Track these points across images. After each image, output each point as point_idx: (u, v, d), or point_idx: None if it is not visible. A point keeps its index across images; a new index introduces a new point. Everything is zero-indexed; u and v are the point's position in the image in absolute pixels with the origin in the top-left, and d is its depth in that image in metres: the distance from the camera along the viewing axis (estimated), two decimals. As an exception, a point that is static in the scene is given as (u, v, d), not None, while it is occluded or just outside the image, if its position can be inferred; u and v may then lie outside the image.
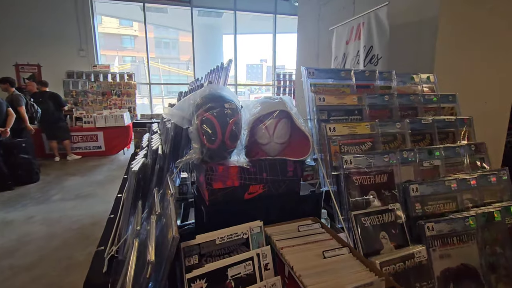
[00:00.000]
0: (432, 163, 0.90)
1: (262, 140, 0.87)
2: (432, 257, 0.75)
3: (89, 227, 3.09)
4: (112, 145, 6.83)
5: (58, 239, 2.84)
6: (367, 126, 0.89)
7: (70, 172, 5.31)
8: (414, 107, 1.04)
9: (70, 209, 3.56)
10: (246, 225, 0.70)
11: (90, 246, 2.67)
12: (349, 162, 0.80)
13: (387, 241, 0.77)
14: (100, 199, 3.91)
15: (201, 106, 0.82)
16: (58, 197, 4.00)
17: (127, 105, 8.16)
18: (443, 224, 0.78)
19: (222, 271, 0.62)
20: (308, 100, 0.93)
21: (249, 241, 0.69)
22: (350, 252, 0.72)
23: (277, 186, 0.89)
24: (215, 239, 0.65)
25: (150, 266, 0.53)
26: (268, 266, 0.69)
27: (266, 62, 18.05)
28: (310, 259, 0.69)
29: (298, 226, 0.83)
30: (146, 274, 0.53)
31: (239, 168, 0.83)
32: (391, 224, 0.79)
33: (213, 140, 0.80)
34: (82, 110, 7.22)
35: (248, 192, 0.86)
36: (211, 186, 0.81)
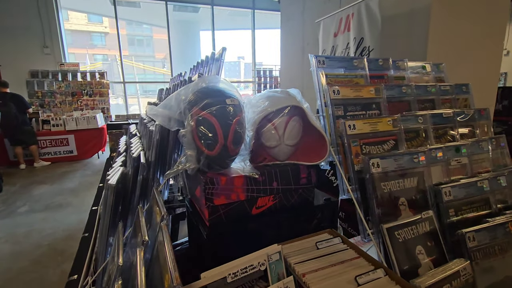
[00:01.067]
0: (460, 161, 0.80)
1: (271, 143, 0.73)
2: (475, 272, 0.64)
3: (63, 242, 2.79)
4: (85, 149, 6.38)
5: (26, 258, 2.53)
6: (389, 122, 0.77)
7: (38, 180, 4.86)
8: (431, 99, 0.94)
9: (39, 222, 3.21)
10: (262, 252, 0.56)
11: (65, 263, 2.40)
12: (376, 165, 0.68)
13: (424, 256, 0.65)
14: (74, 209, 3.58)
15: (196, 103, 0.66)
16: (25, 209, 3.61)
17: (100, 105, 7.68)
18: (484, 233, 0.68)
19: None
20: (320, 93, 0.80)
21: (268, 273, 0.55)
22: (386, 274, 0.59)
23: (290, 196, 0.75)
24: (226, 276, 0.50)
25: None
26: (292, 303, 0.55)
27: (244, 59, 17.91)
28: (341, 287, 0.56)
29: (316, 243, 0.70)
30: None
31: (245, 178, 0.68)
32: (426, 235, 0.68)
33: (213, 145, 0.64)
34: (49, 112, 6.68)
35: (256, 206, 0.71)
36: (211, 203, 0.66)
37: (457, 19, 1.94)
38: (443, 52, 1.89)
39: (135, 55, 15.58)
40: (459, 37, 1.96)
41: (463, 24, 1.95)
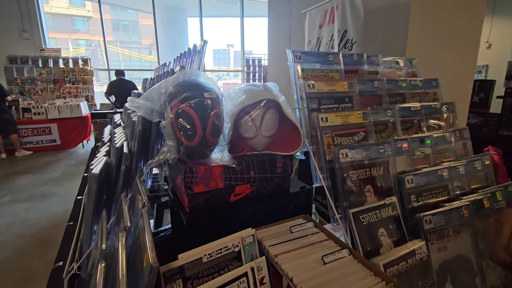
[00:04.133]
0: (424, 151, 0.87)
1: (248, 134, 0.77)
2: (430, 251, 0.72)
3: (47, 231, 2.78)
4: (69, 138, 6.24)
5: (9, 248, 2.52)
6: (360, 115, 0.82)
7: (20, 170, 4.75)
8: (401, 93, 1.00)
9: (22, 212, 3.18)
10: (237, 235, 0.61)
11: (50, 252, 2.41)
12: (345, 155, 0.73)
13: (385, 237, 0.72)
14: (58, 198, 3.55)
15: (176, 96, 0.68)
16: (6, 199, 3.55)
17: (83, 93, 7.46)
18: (440, 216, 0.75)
19: (212, 296, 0.52)
20: (296, 87, 0.84)
21: (241, 253, 0.60)
22: (350, 254, 0.66)
23: (266, 184, 0.80)
24: (202, 257, 0.55)
25: (123, 305, 0.42)
26: (264, 280, 0.60)
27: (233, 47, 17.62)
28: (309, 266, 0.62)
29: (290, 227, 0.75)
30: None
31: (224, 167, 0.72)
32: (389, 219, 0.74)
33: (192, 136, 0.67)
34: (30, 100, 6.45)
35: (234, 193, 0.76)
36: (191, 190, 0.70)
37: (437, 13, 2.00)
38: (421, 46, 1.96)
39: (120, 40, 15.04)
40: (438, 31, 2.03)
41: (442, 18, 2.02)
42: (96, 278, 0.54)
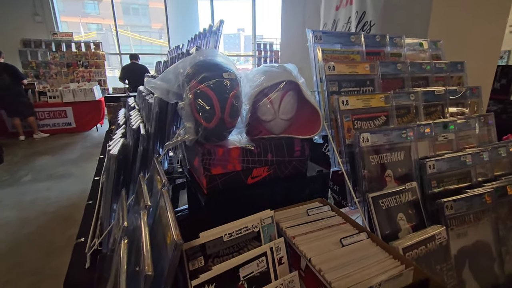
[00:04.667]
0: (447, 137, 0.84)
1: (266, 117, 0.76)
2: (449, 237, 0.71)
3: (67, 209, 2.90)
4: (84, 121, 6.37)
5: (33, 223, 2.65)
6: (381, 98, 0.80)
7: (39, 151, 4.92)
8: (425, 77, 0.96)
9: (43, 191, 3.31)
10: (256, 216, 0.61)
11: (71, 228, 2.52)
12: (366, 140, 0.71)
13: (404, 222, 0.71)
14: (76, 179, 3.67)
15: (194, 77, 0.67)
16: (28, 179, 3.70)
17: (96, 77, 7.53)
18: (461, 202, 0.73)
19: (233, 272, 0.53)
20: (316, 69, 0.81)
21: (261, 234, 0.61)
22: (368, 237, 0.65)
23: (283, 167, 0.80)
24: (222, 236, 0.56)
25: (148, 280, 0.43)
26: (282, 260, 0.61)
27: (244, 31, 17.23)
28: (327, 248, 0.62)
29: (307, 210, 0.75)
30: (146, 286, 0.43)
31: (241, 150, 0.72)
32: (408, 204, 0.73)
33: (210, 118, 0.67)
34: (45, 84, 6.56)
35: (251, 176, 0.76)
36: (209, 172, 0.70)
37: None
38: (445, 29, 1.86)
39: (130, 24, 14.94)
40: (462, 13, 1.91)
41: (467, 0, 1.90)
42: (119, 254, 0.56)
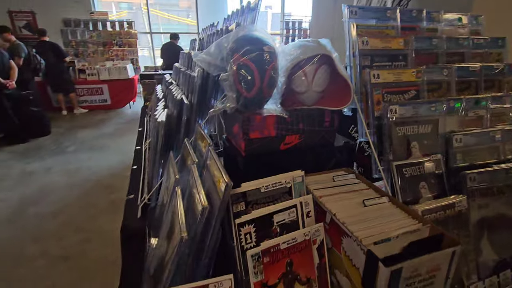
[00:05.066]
0: (478, 113, 0.86)
1: (300, 89, 0.82)
2: (470, 207, 0.75)
3: (107, 178, 3.20)
4: (118, 99, 6.74)
5: (78, 188, 2.98)
6: (413, 73, 0.82)
7: (79, 125, 5.35)
8: (461, 53, 0.95)
9: (86, 161, 3.66)
10: (289, 174, 0.70)
11: (112, 194, 2.80)
12: (394, 111, 0.76)
13: (426, 190, 0.76)
14: (113, 151, 4.00)
15: (237, 51, 0.75)
16: (72, 149, 4.09)
17: (129, 56, 7.84)
18: (486, 175, 0.76)
19: (268, 218, 0.63)
20: (349, 43, 0.85)
21: (292, 190, 0.69)
22: (390, 201, 0.72)
23: (313, 137, 0.87)
24: (260, 187, 0.65)
25: (205, 211, 0.54)
26: (310, 213, 0.70)
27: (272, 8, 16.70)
28: (351, 207, 0.70)
29: (333, 177, 0.83)
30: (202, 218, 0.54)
31: (276, 117, 0.80)
32: (431, 175, 0.78)
33: (250, 88, 0.75)
34: (84, 62, 6.97)
35: (284, 142, 0.84)
36: (248, 136, 0.79)
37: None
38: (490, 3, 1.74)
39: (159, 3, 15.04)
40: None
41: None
42: (176, 198, 0.67)
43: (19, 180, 3.17)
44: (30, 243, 2.18)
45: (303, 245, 0.64)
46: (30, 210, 2.60)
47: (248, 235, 0.61)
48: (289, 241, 0.62)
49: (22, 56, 4.63)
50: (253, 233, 0.62)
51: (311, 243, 0.65)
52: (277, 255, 0.60)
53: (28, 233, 2.29)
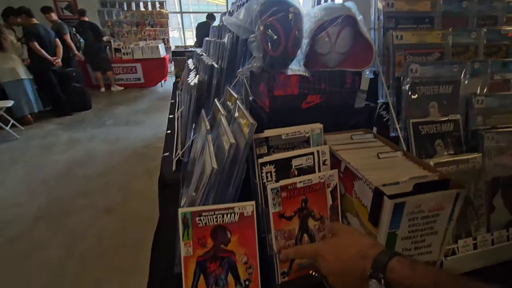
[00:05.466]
0: (504, 76, 0.85)
1: (323, 50, 0.87)
2: (486, 165, 0.77)
3: (142, 148, 3.48)
4: (150, 77, 7.05)
5: (118, 156, 3.28)
6: (438, 35, 0.83)
7: (116, 101, 5.72)
8: (493, 16, 0.93)
9: (123, 133, 3.97)
10: (308, 126, 0.77)
11: (146, 162, 3.06)
12: (415, 71, 0.79)
13: (441, 148, 0.80)
14: (147, 124, 4.28)
15: (264, 12, 0.81)
16: (111, 122, 4.44)
17: (160, 36, 8.07)
18: (504, 136, 0.77)
19: (287, 161, 0.71)
20: (374, 5, 0.87)
21: (310, 140, 0.77)
22: (404, 155, 0.76)
23: (334, 97, 0.92)
24: (281, 134, 0.73)
25: (232, 146, 0.63)
26: (325, 162, 0.77)
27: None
28: (365, 158, 0.76)
29: (351, 135, 0.88)
30: (229, 154, 0.64)
31: (299, 77, 0.86)
32: (449, 134, 0.80)
33: (276, 47, 0.81)
34: (119, 41, 7.31)
35: (305, 101, 0.90)
36: (272, 94, 0.86)
37: None
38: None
39: (188, -18, 14.96)
40: None
41: None
42: (206, 144, 0.78)
43: (67, 146, 3.55)
44: (79, 197, 2.49)
45: (318, 187, 0.72)
46: (79, 171, 2.93)
47: (269, 173, 0.70)
48: (305, 181, 0.70)
49: (67, 33, 4.98)
50: (274, 172, 0.71)
51: (326, 186, 0.73)
52: (293, 192, 0.69)
53: (78, 189, 2.61)
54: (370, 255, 0.45)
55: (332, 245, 0.53)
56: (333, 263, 0.50)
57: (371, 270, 0.44)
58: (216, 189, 0.65)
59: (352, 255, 0.48)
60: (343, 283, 0.49)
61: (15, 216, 2.30)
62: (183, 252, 0.61)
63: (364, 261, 0.45)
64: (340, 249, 0.51)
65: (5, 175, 2.94)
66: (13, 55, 4.13)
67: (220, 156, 0.73)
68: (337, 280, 0.49)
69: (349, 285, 0.48)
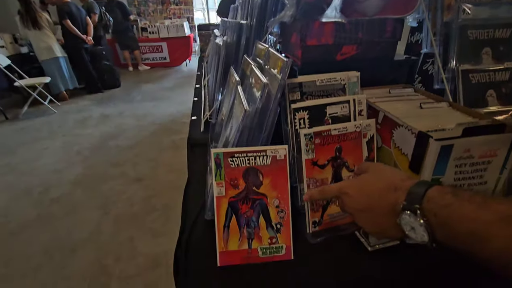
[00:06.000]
0: None
1: (362, -6, 0.80)
2: (545, 118, 0.69)
3: (168, 123, 3.57)
4: (175, 56, 7.11)
5: (146, 129, 3.40)
6: (498, -30, 0.73)
7: (143, 80, 5.87)
8: None
9: (150, 108, 4.09)
10: (344, 73, 0.72)
11: (173, 136, 3.14)
12: (467, 12, 0.70)
13: (493, 99, 0.72)
14: (173, 101, 4.36)
15: (300, -48, 0.76)
16: (139, 99, 4.58)
17: (185, 14, 8.03)
18: None
19: (321, 108, 0.68)
20: None
21: (346, 88, 0.72)
22: (450, 105, 0.70)
23: (372, 48, 0.85)
24: (316, 80, 0.70)
25: (266, 86, 0.61)
26: (362, 112, 0.73)
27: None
28: (406, 108, 0.71)
29: (389, 90, 0.83)
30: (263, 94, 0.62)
31: (335, 24, 0.80)
32: (503, 83, 0.73)
33: (311, -10, 0.76)
34: (145, 20, 7.39)
35: (341, 52, 0.85)
36: (305, 43, 0.82)
37: None
38: None
39: (213, -41, 14.60)
40: None
41: None
42: (237, 93, 0.76)
43: (99, 121, 3.73)
44: (112, 167, 2.63)
45: (353, 136, 0.68)
46: (111, 143, 3.09)
47: (302, 120, 0.68)
48: (340, 129, 0.66)
49: (96, 12, 5.10)
50: (307, 119, 0.68)
51: (361, 136, 0.69)
52: (327, 139, 0.66)
53: (110, 159, 2.76)
54: (403, 186, 0.40)
55: (358, 181, 0.49)
56: (359, 198, 0.45)
57: (404, 202, 0.38)
58: (248, 133, 0.64)
59: (381, 188, 0.43)
60: (371, 221, 0.44)
61: (56, 181, 2.49)
62: (215, 192, 0.61)
63: (396, 193, 0.40)
64: (368, 184, 0.46)
65: (45, 145, 3.17)
66: (49, 32, 4.32)
67: (252, 102, 0.71)
68: (363, 217, 0.45)
69: (378, 223, 0.43)
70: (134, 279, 1.55)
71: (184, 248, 0.67)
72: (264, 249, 0.62)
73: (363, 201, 0.44)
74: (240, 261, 0.61)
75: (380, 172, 0.47)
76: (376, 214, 0.42)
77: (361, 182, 0.47)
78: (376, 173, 0.47)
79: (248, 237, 0.62)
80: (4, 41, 4.65)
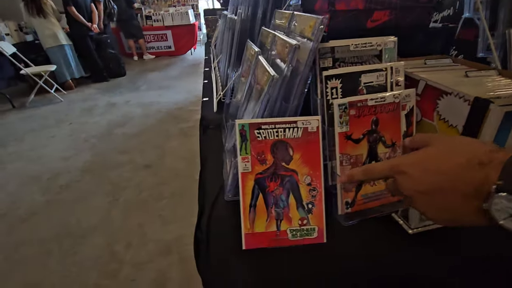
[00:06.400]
0: None
1: (399, -50, 0.71)
2: None
3: (175, 111, 3.51)
4: (180, 45, 7.00)
5: (153, 118, 3.34)
6: None
7: (149, 68, 5.79)
8: None
9: (156, 97, 4.03)
10: (380, 38, 0.65)
11: (180, 123, 3.09)
12: (524, -34, 0.62)
13: (550, 68, 0.64)
14: (179, 89, 4.29)
15: None
16: (145, 88, 4.52)
17: (190, 2, 7.87)
18: None
19: (355, 76, 0.61)
20: None
21: (382, 54, 0.65)
22: (499, 74, 0.62)
23: (406, 14, 0.77)
24: (349, 45, 0.62)
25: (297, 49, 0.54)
26: (399, 83, 0.65)
27: None
28: (449, 77, 0.63)
29: (425, 60, 0.75)
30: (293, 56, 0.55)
31: (367, -14, 0.72)
32: (561, 49, 0.64)
33: None
34: (150, 9, 7.25)
35: (371, 19, 0.77)
36: (333, 7, 0.74)
37: None
38: None
39: None
40: None
41: None
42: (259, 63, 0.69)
43: (106, 109, 3.69)
44: (119, 154, 2.60)
45: (391, 107, 0.61)
46: (118, 131, 3.05)
47: (334, 89, 0.61)
48: (377, 99, 0.59)
49: (100, 1, 5.00)
50: (340, 89, 0.61)
51: (400, 108, 0.62)
52: (363, 110, 0.59)
53: (118, 147, 2.72)
54: (494, 160, 0.30)
55: (419, 156, 0.37)
56: (424, 178, 0.35)
57: (499, 181, 0.28)
58: (275, 102, 0.58)
59: (457, 165, 0.32)
60: (439, 205, 0.34)
61: (64, 169, 2.47)
62: (240, 167, 0.55)
63: (482, 169, 0.30)
64: (435, 159, 0.35)
65: (53, 133, 3.15)
66: (54, 19, 4.25)
67: (277, 71, 0.64)
68: (427, 201, 0.35)
69: (449, 208, 0.33)
70: (146, 265, 1.52)
71: (204, 230, 0.62)
72: (294, 231, 0.56)
73: (430, 181, 0.34)
74: (267, 244, 0.56)
75: (450, 143, 0.36)
76: (449, 197, 0.33)
77: (424, 157, 0.37)
78: (445, 146, 0.36)
79: (276, 217, 0.56)
80: (9, 28, 4.60)
